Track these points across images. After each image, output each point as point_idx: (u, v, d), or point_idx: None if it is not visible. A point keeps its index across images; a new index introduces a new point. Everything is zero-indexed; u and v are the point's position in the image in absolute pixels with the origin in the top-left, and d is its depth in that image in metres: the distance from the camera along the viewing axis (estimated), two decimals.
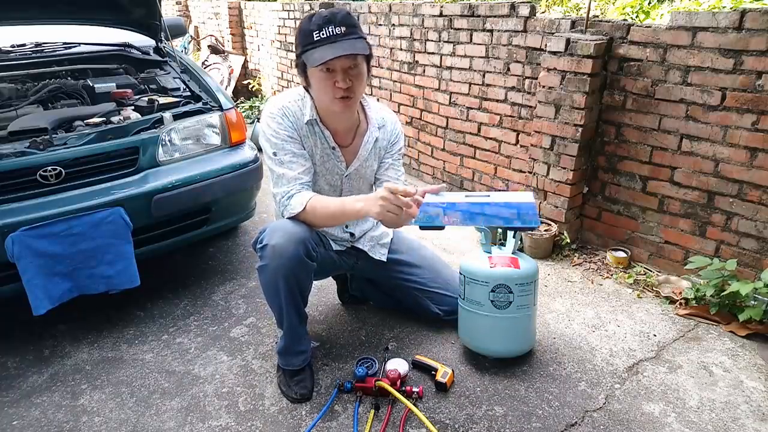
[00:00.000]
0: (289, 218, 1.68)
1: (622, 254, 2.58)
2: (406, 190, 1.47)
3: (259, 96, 6.31)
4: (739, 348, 2.01)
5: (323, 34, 1.51)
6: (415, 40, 3.62)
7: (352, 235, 1.95)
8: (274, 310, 1.77)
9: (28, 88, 2.46)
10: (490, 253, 1.92)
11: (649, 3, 3.39)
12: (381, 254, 2.01)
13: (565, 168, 2.63)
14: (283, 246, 1.60)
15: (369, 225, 2.01)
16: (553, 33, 2.64)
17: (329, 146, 1.75)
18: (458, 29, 3.25)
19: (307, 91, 1.69)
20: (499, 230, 2.01)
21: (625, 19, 2.72)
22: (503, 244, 1.97)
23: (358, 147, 1.80)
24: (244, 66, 6.52)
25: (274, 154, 1.68)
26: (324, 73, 1.55)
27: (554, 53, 2.53)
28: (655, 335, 2.09)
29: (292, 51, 5.37)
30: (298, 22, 5.09)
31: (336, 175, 1.80)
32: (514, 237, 1.94)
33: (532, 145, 2.79)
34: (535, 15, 2.83)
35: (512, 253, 1.91)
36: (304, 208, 1.63)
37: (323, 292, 2.40)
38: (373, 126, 1.80)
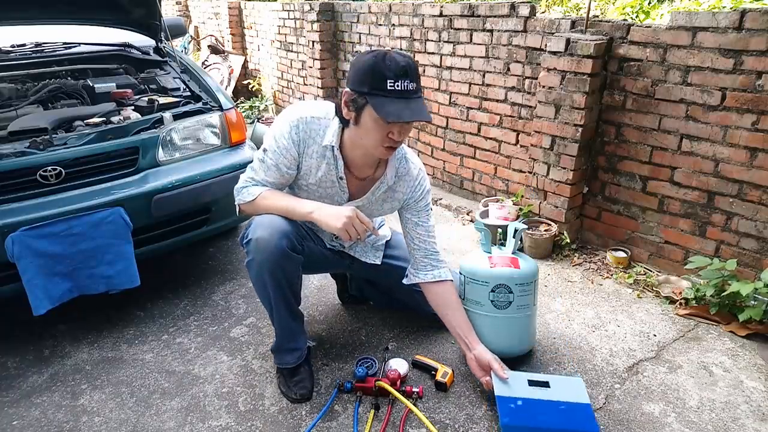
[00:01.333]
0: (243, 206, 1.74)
1: (622, 254, 2.58)
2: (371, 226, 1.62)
3: (259, 96, 6.31)
4: (739, 348, 2.01)
5: (398, 87, 1.44)
6: (415, 40, 3.62)
7: (341, 245, 1.94)
8: (265, 306, 1.78)
9: (28, 88, 2.46)
10: (490, 253, 1.92)
11: (649, 3, 3.39)
12: (375, 257, 2.00)
13: (565, 168, 2.63)
14: (266, 239, 1.61)
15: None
16: (553, 33, 2.64)
17: (336, 176, 1.69)
18: (458, 29, 3.25)
19: (341, 120, 1.60)
20: (499, 230, 2.00)
21: (625, 19, 2.72)
22: (503, 244, 1.97)
23: (367, 189, 1.75)
24: (244, 66, 6.52)
25: (264, 150, 1.69)
26: (385, 124, 1.49)
27: (554, 53, 2.53)
28: (655, 335, 2.09)
29: (292, 51, 5.37)
30: (298, 21, 5.08)
31: (335, 202, 1.75)
32: (514, 237, 1.94)
33: (532, 145, 2.79)
34: (535, 15, 2.83)
35: (512, 253, 1.91)
36: (254, 198, 1.68)
37: (323, 292, 2.41)
38: (390, 172, 1.73)
